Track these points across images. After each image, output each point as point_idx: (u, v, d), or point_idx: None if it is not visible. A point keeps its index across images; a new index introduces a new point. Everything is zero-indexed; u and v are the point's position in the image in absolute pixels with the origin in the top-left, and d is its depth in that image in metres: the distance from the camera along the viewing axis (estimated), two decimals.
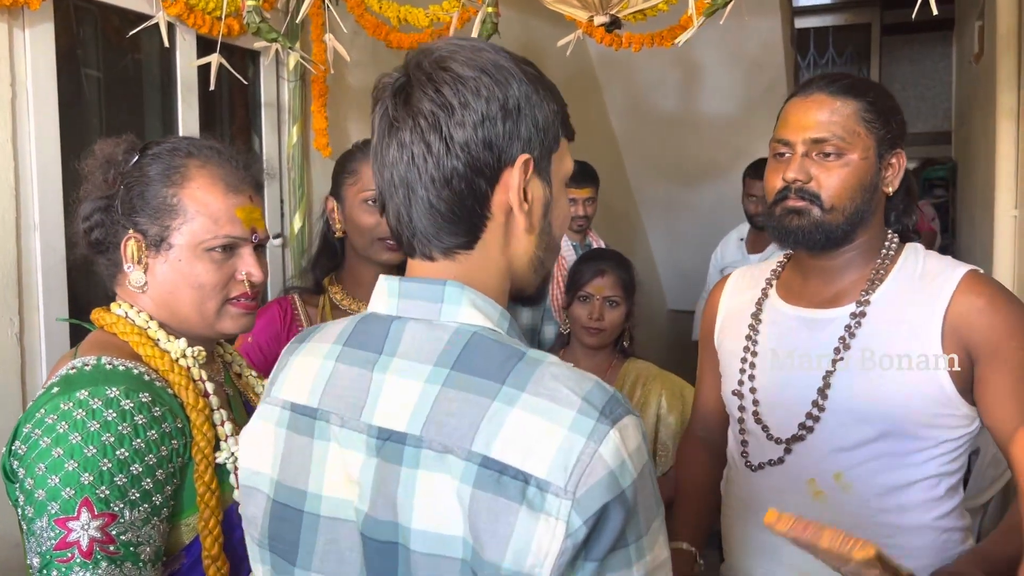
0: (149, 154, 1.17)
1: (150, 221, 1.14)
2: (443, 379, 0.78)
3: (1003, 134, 2.73)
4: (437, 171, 0.83)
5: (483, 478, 0.73)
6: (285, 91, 2.52)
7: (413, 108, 0.83)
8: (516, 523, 0.71)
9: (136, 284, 1.15)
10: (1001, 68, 2.75)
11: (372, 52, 2.79)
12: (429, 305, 0.84)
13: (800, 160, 1.33)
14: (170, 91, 2.20)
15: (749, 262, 3.68)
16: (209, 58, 2.00)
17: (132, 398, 1.03)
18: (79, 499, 0.96)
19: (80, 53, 1.97)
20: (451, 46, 0.86)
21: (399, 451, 0.78)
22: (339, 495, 0.82)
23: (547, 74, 0.94)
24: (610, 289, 2.12)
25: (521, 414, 0.74)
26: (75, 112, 1.90)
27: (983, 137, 3.62)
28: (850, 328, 1.35)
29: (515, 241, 0.88)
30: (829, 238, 1.34)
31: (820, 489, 1.37)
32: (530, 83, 0.86)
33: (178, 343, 1.16)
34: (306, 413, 0.86)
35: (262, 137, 2.52)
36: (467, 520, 0.73)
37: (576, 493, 0.71)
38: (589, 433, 0.72)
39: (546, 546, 0.71)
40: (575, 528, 0.71)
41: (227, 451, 1.13)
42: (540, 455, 0.72)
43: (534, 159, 0.85)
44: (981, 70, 3.77)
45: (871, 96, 1.33)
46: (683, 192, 4.91)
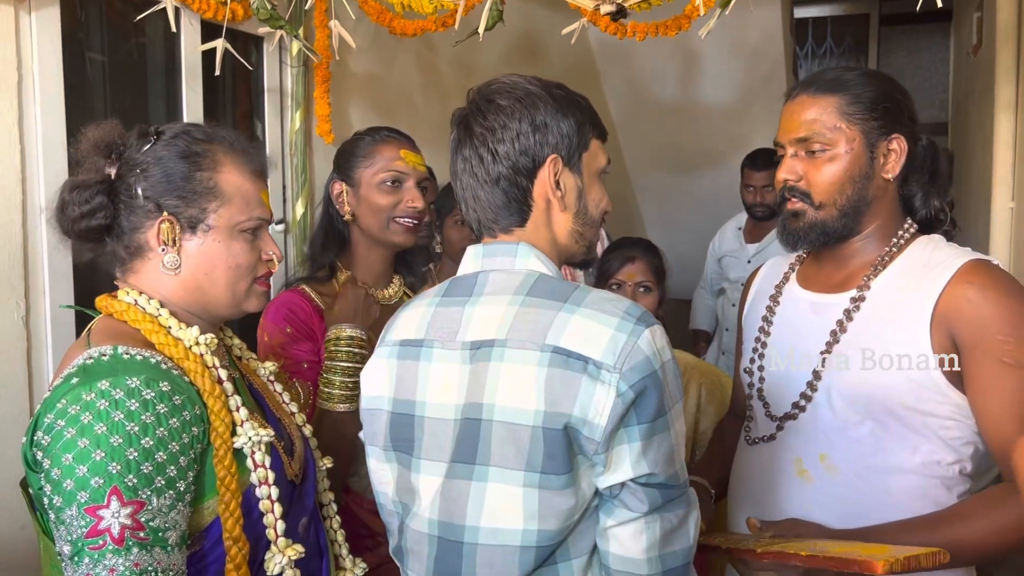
0: (163, 139, 1.19)
1: (185, 204, 1.16)
2: (520, 302, 1.09)
3: (1001, 126, 2.74)
4: (488, 175, 1.15)
5: (555, 361, 1.02)
6: (288, 77, 2.52)
7: (469, 131, 1.16)
8: (580, 387, 1.01)
9: (171, 266, 1.17)
10: (1000, 60, 2.77)
11: (375, 39, 2.79)
12: (506, 259, 1.15)
13: (790, 161, 1.39)
14: (174, 76, 2.20)
15: (746, 252, 3.70)
16: (214, 43, 2.00)
17: (153, 387, 1.04)
18: (108, 488, 0.98)
19: (84, 37, 1.97)
20: (496, 84, 1.17)
21: (488, 352, 1.07)
22: (438, 400, 1.11)
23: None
24: (641, 275, 2.14)
25: (580, 319, 1.04)
26: (80, 96, 1.91)
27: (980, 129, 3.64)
28: (848, 312, 1.37)
29: (555, 219, 1.18)
30: (827, 234, 1.38)
31: (805, 468, 1.40)
32: (556, 102, 1.15)
33: (191, 331, 1.17)
34: (414, 344, 1.16)
35: (265, 123, 2.52)
36: (543, 392, 1.02)
37: (623, 369, 1.01)
38: (630, 331, 1.03)
39: (603, 402, 1.00)
40: (623, 391, 1.00)
41: (244, 436, 1.14)
42: (595, 345, 1.02)
43: (562, 158, 1.15)
44: (979, 62, 3.78)
45: (853, 88, 1.36)
46: (681, 181, 4.92)
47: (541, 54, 3.89)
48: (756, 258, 3.65)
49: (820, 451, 1.38)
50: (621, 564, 1.05)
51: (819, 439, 1.38)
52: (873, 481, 1.34)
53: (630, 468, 1.02)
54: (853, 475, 1.35)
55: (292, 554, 1.16)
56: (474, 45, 2.46)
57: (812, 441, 1.39)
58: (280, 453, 1.22)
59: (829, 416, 1.37)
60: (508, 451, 1.03)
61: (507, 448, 1.03)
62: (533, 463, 1.02)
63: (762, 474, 1.47)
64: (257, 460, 1.15)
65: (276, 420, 1.29)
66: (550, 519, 1.03)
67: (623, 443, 1.02)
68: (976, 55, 3.84)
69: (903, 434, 1.32)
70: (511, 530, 1.04)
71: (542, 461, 1.02)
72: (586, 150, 1.18)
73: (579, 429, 1.01)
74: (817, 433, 1.39)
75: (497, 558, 1.05)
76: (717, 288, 3.96)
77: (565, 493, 1.03)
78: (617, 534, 1.04)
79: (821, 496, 1.37)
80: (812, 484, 1.39)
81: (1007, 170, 2.72)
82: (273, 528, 1.16)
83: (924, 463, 1.32)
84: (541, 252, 1.15)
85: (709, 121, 4.53)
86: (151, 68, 2.20)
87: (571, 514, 1.04)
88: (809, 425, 1.40)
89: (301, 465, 1.29)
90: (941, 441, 1.32)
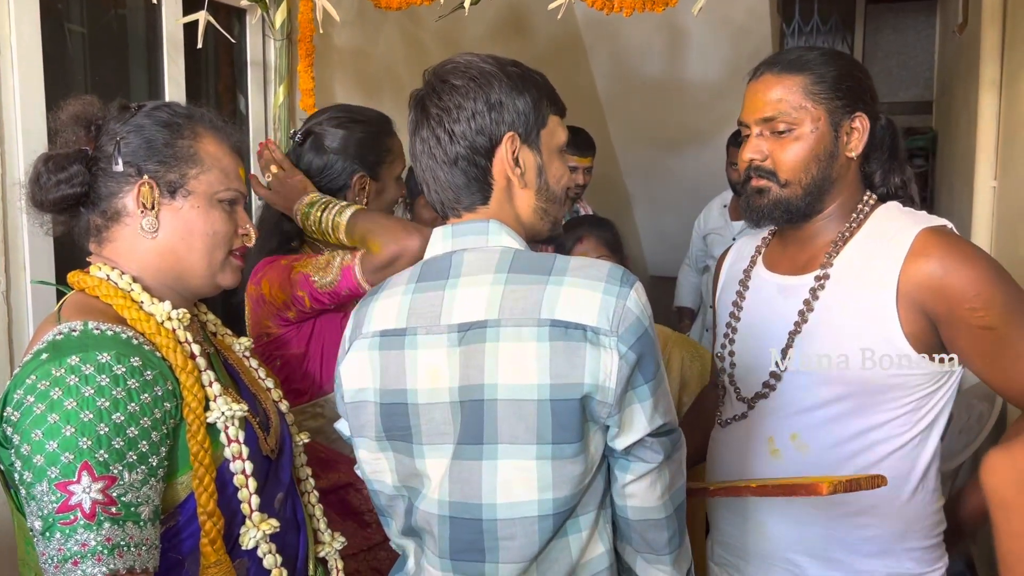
0: (143, 111, 1.20)
1: (165, 168, 1.17)
2: (504, 281, 1.09)
3: (985, 105, 2.75)
4: (447, 156, 1.15)
5: (555, 334, 1.04)
6: (272, 50, 2.50)
7: (425, 112, 1.16)
8: (586, 355, 1.04)
9: (149, 229, 1.17)
10: (985, 39, 2.77)
11: (360, 12, 2.77)
12: (478, 237, 1.16)
13: (755, 140, 1.40)
14: (156, 48, 2.17)
15: (732, 229, 3.71)
16: (196, 15, 1.97)
17: (123, 363, 1.04)
18: (79, 463, 0.98)
19: (64, 8, 1.94)
20: (450, 64, 1.17)
21: (482, 334, 1.07)
22: (430, 386, 1.11)
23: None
24: (595, 251, 2.13)
25: (568, 290, 1.06)
26: (59, 68, 1.88)
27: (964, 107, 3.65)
28: (814, 291, 1.39)
29: (517, 196, 1.19)
30: (791, 212, 1.40)
31: (777, 448, 1.42)
32: (510, 80, 1.16)
33: (162, 306, 1.17)
34: (396, 334, 1.15)
35: (248, 97, 2.50)
36: (547, 366, 1.04)
37: (619, 332, 1.04)
38: (617, 294, 1.06)
39: (609, 366, 1.04)
40: (624, 353, 1.04)
41: (217, 411, 1.14)
42: (588, 312, 1.05)
43: (520, 136, 1.16)
44: (964, 41, 3.79)
45: (817, 68, 1.37)
46: (667, 158, 4.91)
47: (527, 29, 3.86)
48: (741, 235, 3.66)
49: (791, 430, 1.41)
50: (640, 514, 1.11)
51: (790, 418, 1.41)
52: (843, 458, 1.37)
53: (647, 424, 1.07)
54: (823, 452, 1.37)
55: (267, 528, 1.17)
56: (460, 20, 2.44)
57: (783, 420, 1.42)
58: (255, 428, 1.22)
59: (799, 396, 1.39)
60: (517, 427, 1.06)
61: (515, 425, 1.06)
62: (543, 436, 1.05)
63: (735, 454, 1.50)
64: (231, 435, 1.15)
65: (251, 396, 1.29)
66: (564, 486, 1.07)
67: (634, 403, 1.06)
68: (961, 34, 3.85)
69: (874, 409, 1.35)
70: (527, 502, 1.07)
71: (552, 432, 1.05)
72: (544, 127, 1.19)
73: (593, 396, 1.04)
74: (787, 412, 1.41)
75: (518, 530, 1.08)
76: (702, 265, 3.97)
77: (577, 460, 1.06)
78: (635, 490, 1.10)
79: (792, 474, 1.40)
80: (783, 462, 1.42)
81: (990, 149, 2.74)
82: (248, 503, 1.17)
83: (892, 435, 1.35)
84: (511, 229, 1.17)
85: (695, 98, 4.52)
86: (132, 40, 2.16)
87: (583, 478, 1.08)
88: (779, 405, 1.42)
89: (277, 440, 1.29)
90: (908, 410, 1.35)
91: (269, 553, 1.18)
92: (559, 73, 1.12)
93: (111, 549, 0.98)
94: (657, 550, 1.14)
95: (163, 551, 1.07)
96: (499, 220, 1.16)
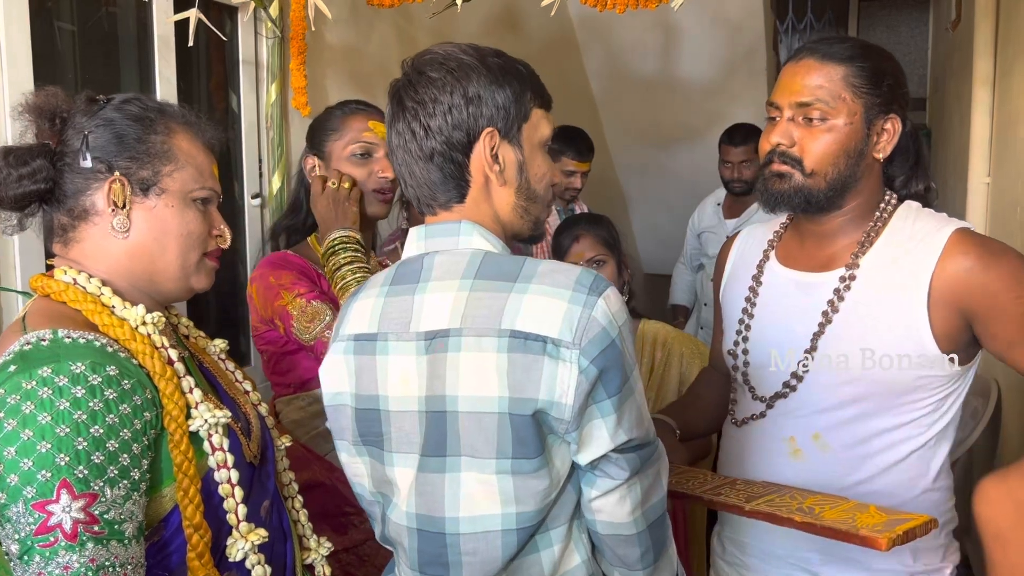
0: (113, 104, 1.14)
1: (138, 164, 1.11)
2: (469, 287, 1.05)
3: (978, 101, 2.75)
4: (422, 151, 1.10)
5: (514, 345, 1.00)
6: (264, 48, 2.48)
7: (402, 105, 1.11)
8: (543, 369, 0.99)
9: (120, 229, 1.11)
10: (978, 35, 2.77)
11: (352, 9, 2.75)
12: (449, 239, 1.11)
13: (785, 124, 1.35)
14: (147, 46, 2.15)
15: (726, 227, 3.70)
16: (187, 13, 1.96)
17: (99, 372, 0.98)
18: (57, 481, 0.92)
19: (53, 6, 1.92)
20: (429, 55, 1.12)
21: (444, 343, 1.04)
22: (399, 393, 1.08)
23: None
24: (591, 250, 2.11)
25: (532, 298, 1.01)
26: (49, 67, 1.86)
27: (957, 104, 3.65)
28: (839, 292, 1.36)
29: (495, 194, 1.14)
30: (810, 202, 1.35)
31: (799, 448, 1.40)
32: (490, 72, 1.10)
33: (136, 310, 1.11)
34: (368, 339, 1.12)
35: (240, 95, 2.48)
36: (505, 379, 1.00)
37: (582, 344, 0.99)
38: (583, 303, 1.00)
39: (567, 381, 0.99)
40: (585, 367, 0.99)
41: (199, 418, 1.09)
42: (551, 323, 1.00)
43: (499, 131, 1.11)
44: (957, 37, 3.79)
45: (861, 61, 1.32)
46: (661, 156, 4.91)
47: (520, 27, 3.85)
48: (746, 226, 3.66)
49: (814, 430, 1.38)
50: (609, 529, 1.08)
51: (811, 418, 1.38)
52: (865, 457, 1.36)
53: (608, 440, 1.02)
54: (845, 452, 1.36)
55: (255, 539, 1.12)
56: (453, 17, 2.44)
57: (804, 420, 1.39)
58: (238, 434, 1.17)
59: (822, 395, 1.37)
60: (477, 440, 1.03)
61: (475, 437, 1.03)
62: (503, 450, 1.02)
63: (753, 454, 1.47)
64: (214, 443, 1.10)
65: (231, 400, 1.24)
66: (527, 501, 1.04)
67: (596, 418, 1.02)
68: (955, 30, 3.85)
69: (897, 410, 1.33)
70: (491, 516, 1.05)
71: (512, 447, 1.02)
72: (526, 120, 1.13)
73: (547, 412, 1.00)
74: (809, 412, 1.39)
75: (480, 545, 1.06)
76: (697, 264, 3.97)
77: (539, 475, 1.03)
78: (602, 505, 1.06)
79: (813, 474, 1.38)
80: (805, 463, 1.40)
81: (984, 145, 2.74)
82: (234, 513, 1.12)
83: (912, 435, 1.34)
84: (485, 228, 1.12)
85: (689, 96, 4.52)
86: (123, 38, 2.15)
87: (547, 494, 1.05)
88: (800, 404, 1.40)
89: (259, 446, 1.24)
90: (929, 410, 1.34)
91: (258, 564, 1.13)
92: (552, 70, 1.10)
93: (96, 571, 0.93)
94: (630, 565, 1.11)
95: (149, 567, 1.02)
96: (473, 220, 1.12)
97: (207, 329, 1.38)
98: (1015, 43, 2.52)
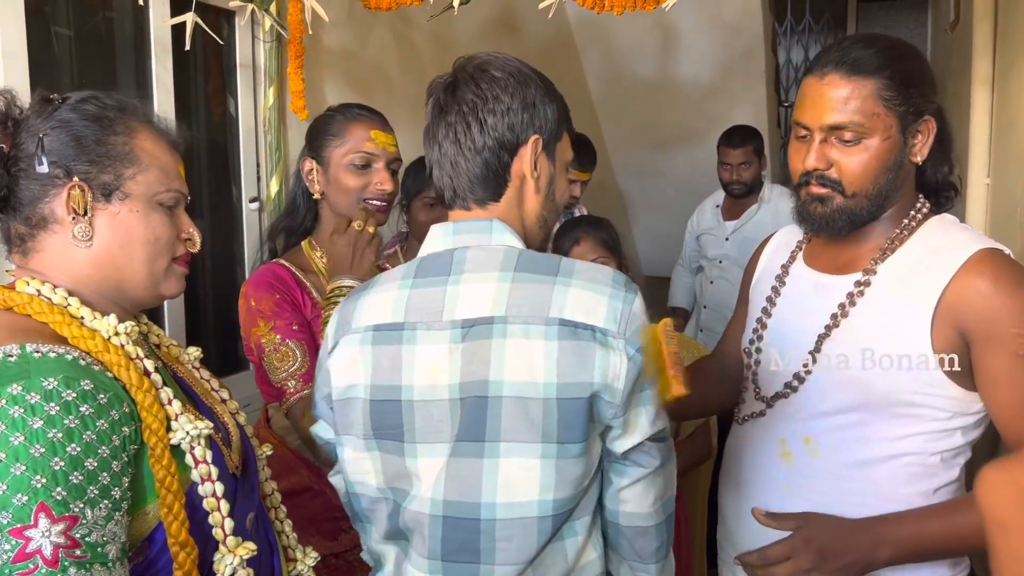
0: (69, 104, 1.07)
1: (98, 169, 1.05)
2: (510, 279, 1.09)
3: (977, 102, 2.74)
4: (473, 144, 1.15)
5: (564, 333, 1.05)
6: (261, 52, 2.47)
7: (458, 98, 1.15)
8: (596, 355, 1.05)
9: (82, 237, 1.05)
10: (977, 36, 2.76)
11: (349, 12, 2.75)
12: (481, 236, 1.16)
13: (819, 147, 1.30)
14: (143, 51, 2.15)
15: (724, 229, 3.71)
16: (184, 17, 1.96)
17: (73, 387, 0.93)
18: (34, 504, 0.87)
19: (50, 11, 1.92)
20: (488, 56, 1.18)
21: (488, 330, 1.07)
22: (427, 382, 1.10)
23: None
24: (592, 252, 2.11)
25: (576, 291, 1.07)
26: (46, 72, 1.86)
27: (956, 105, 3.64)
28: (852, 296, 1.33)
29: (527, 199, 1.20)
30: (854, 222, 1.32)
31: (788, 450, 1.39)
32: (544, 86, 1.18)
33: (107, 320, 1.05)
34: (392, 328, 1.13)
35: (237, 99, 2.48)
36: (554, 365, 1.04)
37: (627, 334, 1.06)
38: (623, 298, 1.08)
39: (618, 367, 1.05)
40: (632, 354, 1.06)
41: (181, 430, 1.04)
42: (597, 314, 1.06)
43: (543, 141, 1.17)
44: (956, 38, 3.78)
45: (888, 71, 1.26)
46: (660, 158, 4.90)
47: (518, 29, 3.84)
48: (734, 236, 3.66)
49: (805, 434, 1.37)
50: (631, 520, 1.12)
51: (806, 422, 1.37)
52: (854, 467, 1.33)
53: (648, 428, 1.08)
54: (835, 460, 1.34)
55: (244, 553, 1.08)
56: (450, 20, 2.43)
57: (798, 423, 1.38)
58: (220, 445, 1.13)
59: (819, 400, 1.35)
60: (521, 425, 1.06)
61: (519, 422, 1.06)
62: (549, 434, 1.05)
63: (748, 454, 1.47)
64: (197, 455, 1.05)
65: (208, 410, 1.19)
66: (564, 487, 1.07)
67: (640, 406, 1.08)
68: (953, 31, 3.84)
69: (892, 423, 1.30)
70: (528, 502, 1.07)
71: (558, 431, 1.05)
72: (560, 140, 1.21)
73: (601, 395, 1.05)
74: (804, 416, 1.37)
75: (516, 531, 1.08)
76: (695, 266, 3.97)
77: (579, 461, 1.07)
78: (628, 495, 1.11)
79: (801, 479, 1.37)
80: (793, 466, 1.38)
81: (983, 146, 2.73)
82: (220, 527, 1.07)
83: (908, 452, 1.30)
84: (514, 230, 1.17)
85: (688, 97, 4.51)
86: (119, 43, 2.14)
87: (583, 479, 1.08)
88: (798, 407, 1.38)
89: (241, 456, 1.20)
90: (929, 432, 1.29)
91: None
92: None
93: None
94: (644, 558, 1.14)
95: None
96: (503, 220, 1.17)
97: (204, 334, 1.37)
98: (1014, 44, 2.51)
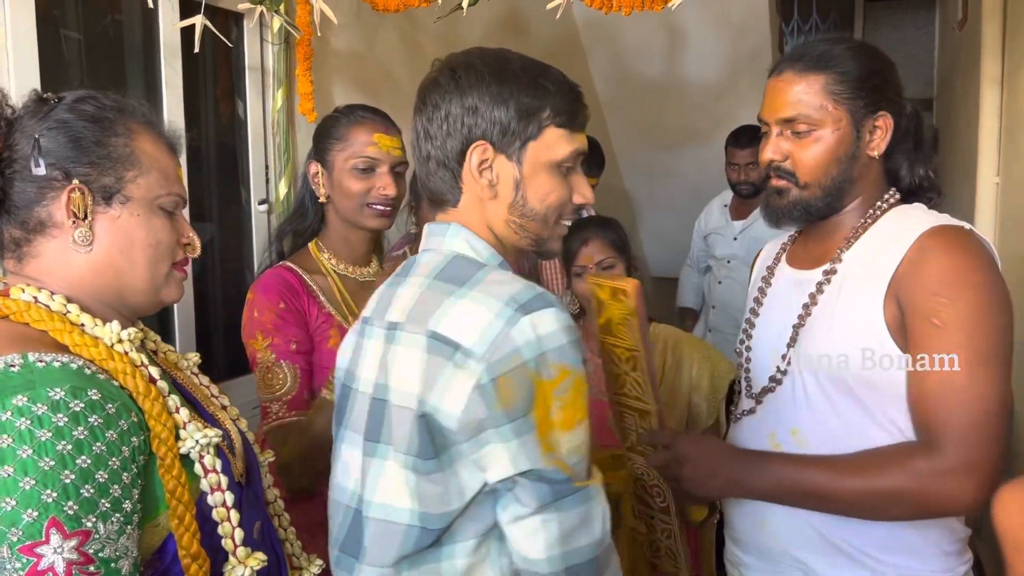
0: (65, 103, 1.04)
1: (98, 171, 1.02)
2: (427, 285, 1.10)
3: (986, 101, 2.74)
4: (422, 152, 1.16)
5: (432, 346, 1.03)
6: (269, 54, 2.48)
7: (419, 104, 1.16)
8: (442, 373, 1.01)
9: (82, 242, 1.02)
10: (986, 35, 2.76)
11: (357, 14, 2.76)
12: (439, 239, 1.17)
13: (775, 140, 1.38)
14: (153, 54, 2.16)
15: (733, 229, 3.70)
16: (193, 20, 1.97)
17: (80, 397, 0.89)
18: (45, 520, 0.84)
19: (60, 14, 1.93)
20: (452, 60, 1.15)
21: (393, 335, 1.10)
22: (367, 375, 1.15)
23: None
24: (600, 254, 2.11)
25: (465, 304, 1.04)
26: (56, 75, 1.87)
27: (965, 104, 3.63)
28: (820, 286, 1.38)
29: (487, 205, 1.15)
30: (809, 212, 1.39)
31: (779, 443, 1.41)
32: (500, 85, 1.10)
33: (110, 327, 1.02)
34: (365, 322, 1.20)
35: (246, 101, 2.49)
36: (422, 378, 1.03)
37: (490, 359, 0.99)
38: (507, 319, 1.00)
39: (459, 391, 1.00)
40: (484, 383, 0.99)
41: (190, 439, 1.01)
42: (470, 332, 1.01)
43: (494, 145, 1.11)
44: (964, 37, 3.77)
45: (840, 67, 1.33)
46: (667, 158, 4.90)
47: (526, 30, 3.85)
48: (742, 235, 3.65)
49: (792, 425, 1.39)
50: (523, 563, 1.04)
51: (791, 413, 1.40)
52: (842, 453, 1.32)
53: (509, 465, 1.00)
54: (823, 449, 1.35)
55: (255, 564, 1.05)
56: (458, 21, 2.43)
57: (785, 416, 1.41)
58: (226, 454, 1.10)
59: (800, 391, 1.38)
60: (398, 432, 1.06)
61: (397, 429, 1.07)
62: (411, 446, 1.05)
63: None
64: (207, 464, 1.02)
65: (211, 417, 1.16)
66: (429, 503, 1.04)
67: (495, 441, 1.00)
68: (962, 30, 3.83)
69: (869, 407, 1.31)
70: (400, 508, 1.07)
71: (417, 445, 1.04)
72: (534, 139, 1.12)
73: (435, 416, 1.02)
74: (789, 408, 1.40)
75: (383, 533, 1.09)
76: (703, 266, 3.96)
77: (435, 479, 1.03)
78: (515, 532, 1.03)
79: None
80: None
81: (992, 145, 2.72)
82: (231, 537, 1.04)
83: (889, 431, 1.31)
84: (474, 234, 1.15)
85: (695, 98, 4.51)
86: (129, 46, 2.15)
87: (447, 501, 1.03)
88: (783, 400, 1.42)
89: (244, 464, 1.17)
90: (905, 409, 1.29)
91: None
92: None
93: None
94: None
95: None
96: (463, 224, 1.15)
97: (212, 337, 1.37)
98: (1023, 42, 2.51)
